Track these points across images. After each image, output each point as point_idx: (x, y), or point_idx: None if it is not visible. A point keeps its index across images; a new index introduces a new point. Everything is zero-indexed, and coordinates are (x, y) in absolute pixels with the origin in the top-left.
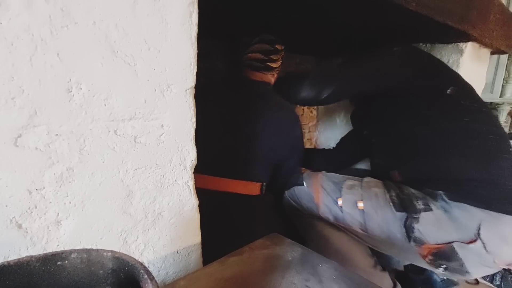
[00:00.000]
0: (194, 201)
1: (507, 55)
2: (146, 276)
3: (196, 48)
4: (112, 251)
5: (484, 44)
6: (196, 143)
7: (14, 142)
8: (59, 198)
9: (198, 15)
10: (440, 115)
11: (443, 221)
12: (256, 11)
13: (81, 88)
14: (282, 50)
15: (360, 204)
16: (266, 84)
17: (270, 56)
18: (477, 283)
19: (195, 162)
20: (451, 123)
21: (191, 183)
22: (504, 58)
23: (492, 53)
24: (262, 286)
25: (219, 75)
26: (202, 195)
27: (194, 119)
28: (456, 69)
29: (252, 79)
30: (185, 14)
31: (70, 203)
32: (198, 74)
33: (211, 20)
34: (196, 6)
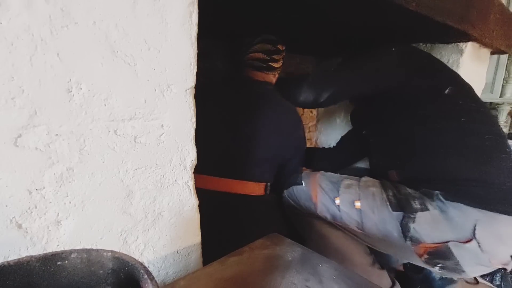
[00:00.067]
0: (194, 201)
1: (507, 55)
2: (146, 276)
3: (196, 48)
4: (112, 251)
5: (484, 44)
6: (196, 143)
7: (14, 142)
8: (59, 198)
9: (198, 15)
10: (438, 115)
11: (439, 220)
12: (256, 11)
13: (81, 88)
14: (284, 51)
15: (357, 204)
16: (268, 84)
17: (272, 56)
18: (476, 283)
19: (195, 162)
20: (448, 123)
21: (191, 183)
22: (504, 58)
23: (492, 53)
24: (262, 286)
25: (219, 75)
26: (205, 196)
27: (194, 119)
28: (456, 69)
29: (254, 79)
30: (185, 14)
31: (70, 203)
32: (198, 74)
33: (211, 20)
34: (196, 6)
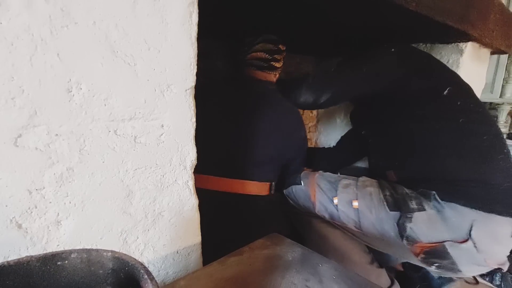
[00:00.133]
0: (194, 201)
1: (507, 55)
2: (146, 276)
3: (196, 48)
4: (112, 251)
5: (484, 44)
6: (196, 143)
7: (14, 142)
8: (59, 198)
9: (198, 15)
10: (436, 115)
11: (435, 221)
12: (256, 11)
13: (81, 88)
14: (284, 50)
15: (355, 203)
16: (269, 84)
17: (274, 56)
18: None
19: (195, 162)
20: (447, 123)
21: (191, 183)
22: (504, 58)
23: (492, 53)
24: (262, 286)
25: (219, 75)
26: (206, 196)
27: (194, 119)
28: (456, 69)
29: (255, 78)
30: (185, 14)
31: (70, 203)
32: (198, 74)
33: (211, 20)
34: (196, 6)
